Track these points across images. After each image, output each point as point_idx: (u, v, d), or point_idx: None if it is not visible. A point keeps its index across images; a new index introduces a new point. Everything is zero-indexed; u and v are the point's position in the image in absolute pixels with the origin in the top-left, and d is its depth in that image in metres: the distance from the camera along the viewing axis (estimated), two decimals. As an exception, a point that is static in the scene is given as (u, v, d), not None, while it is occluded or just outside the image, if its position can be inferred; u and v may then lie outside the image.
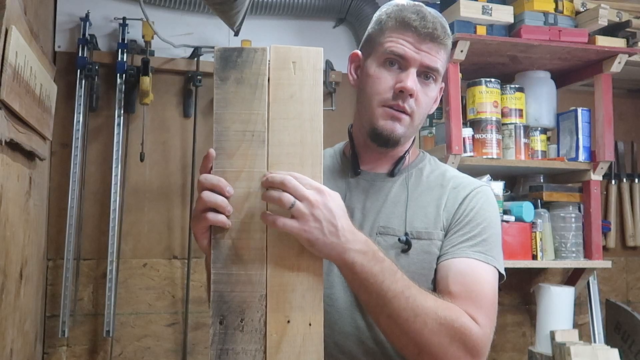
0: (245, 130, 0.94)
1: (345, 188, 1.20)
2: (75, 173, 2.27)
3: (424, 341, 0.97)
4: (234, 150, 0.93)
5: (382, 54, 1.14)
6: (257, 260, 0.93)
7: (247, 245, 0.93)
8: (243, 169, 0.93)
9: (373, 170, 1.22)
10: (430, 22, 1.12)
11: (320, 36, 2.61)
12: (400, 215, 1.15)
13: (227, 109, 0.94)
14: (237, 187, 0.93)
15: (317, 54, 0.98)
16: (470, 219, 1.14)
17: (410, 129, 1.15)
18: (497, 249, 1.16)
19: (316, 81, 0.97)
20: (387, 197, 1.18)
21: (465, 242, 1.12)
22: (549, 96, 2.47)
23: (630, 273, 2.93)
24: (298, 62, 0.97)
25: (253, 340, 0.92)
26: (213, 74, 0.97)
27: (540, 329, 2.37)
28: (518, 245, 2.25)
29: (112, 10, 2.42)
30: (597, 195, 2.38)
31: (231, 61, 0.95)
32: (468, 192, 1.17)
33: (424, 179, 1.21)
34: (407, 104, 1.12)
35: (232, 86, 0.95)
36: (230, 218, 0.92)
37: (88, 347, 2.31)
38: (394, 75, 1.13)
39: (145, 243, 2.41)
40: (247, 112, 0.94)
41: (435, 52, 1.13)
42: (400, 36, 1.13)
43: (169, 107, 2.48)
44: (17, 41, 1.46)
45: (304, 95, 0.96)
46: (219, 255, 0.93)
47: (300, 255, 0.94)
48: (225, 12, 1.96)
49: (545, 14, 2.28)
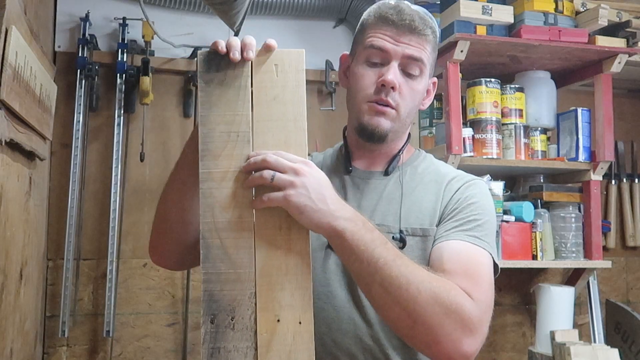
0: (230, 131, 0.96)
1: (340, 185, 1.21)
2: (75, 173, 2.27)
3: (417, 310, 0.93)
4: (220, 151, 0.95)
5: (364, 51, 1.16)
6: (245, 258, 0.94)
7: (236, 244, 0.94)
8: (229, 169, 0.95)
9: (368, 169, 1.23)
10: (407, 14, 1.13)
11: (320, 36, 2.61)
12: (395, 213, 1.16)
13: (212, 110, 0.96)
14: (223, 187, 0.95)
15: (298, 56, 0.99)
16: (465, 206, 1.14)
17: (397, 122, 1.16)
18: (491, 237, 1.14)
19: (299, 82, 0.98)
20: (381, 195, 1.19)
21: (460, 227, 1.11)
22: (549, 96, 2.47)
23: (630, 273, 2.92)
24: (280, 64, 0.98)
25: (244, 337, 0.93)
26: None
27: (540, 329, 2.38)
28: (518, 245, 2.25)
29: (112, 10, 2.42)
30: (597, 195, 2.38)
31: (214, 64, 0.97)
32: (462, 184, 1.18)
33: (419, 176, 1.22)
34: (390, 98, 1.13)
35: (216, 88, 0.96)
36: (217, 218, 0.94)
37: (88, 347, 2.31)
38: (376, 71, 1.14)
39: (145, 243, 2.38)
40: (231, 114, 0.96)
41: (416, 43, 1.13)
42: (379, 31, 1.15)
43: (169, 107, 2.48)
44: (17, 41, 1.46)
45: (287, 97, 0.97)
46: (208, 255, 0.94)
47: (288, 255, 0.95)
48: (225, 12, 1.96)
49: (545, 14, 2.28)
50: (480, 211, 1.14)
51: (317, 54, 2.54)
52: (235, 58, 0.95)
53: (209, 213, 0.94)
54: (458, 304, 0.95)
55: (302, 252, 0.95)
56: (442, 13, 2.31)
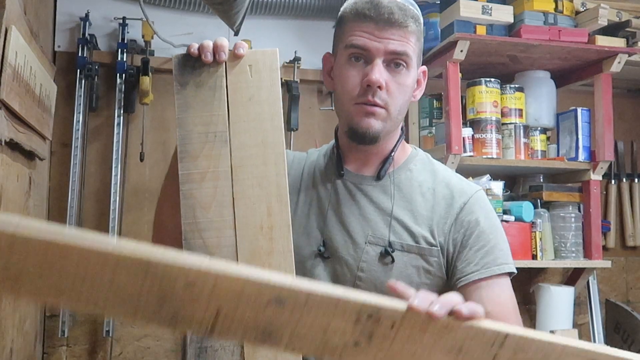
0: (208, 131, 0.97)
1: (333, 190, 1.17)
2: (75, 173, 2.27)
3: None
4: (198, 152, 0.96)
5: (344, 50, 1.11)
6: (228, 257, 0.95)
7: (218, 243, 0.95)
8: (208, 170, 0.96)
9: (360, 172, 1.18)
10: (384, 7, 1.07)
11: (320, 36, 2.61)
12: (385, 225, 1.12)
13: (189, 112, 0.97)
14: (203, 187, 0.95)
15: (272, 55, 1.00)
16: (480, 232, 1.12)
17: (388, 122, 1.11)
18: (505, 250, 1.14)
19: (273, 82, 0.99)
20: (375, 203, 1.14)
21: (483, 258, 1.10)
22: (549, 96, 2.47)
23: (630, 273, 2.92)
24: (254, 64, 0.99)
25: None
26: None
27: (540, 328, 2.37)
28: (518, 245, 2.24)
29: (112, 10, 2.42)
30: (597, 195, 2.38)
31: (189, 66, 0.99)
32: (464, 202, 1.13)
33: (415, 183, 1.16)
34: (377, 97, 1.08)
35: (191, 90, 0.98)
36: (199, 219, 0.95)
37: (88, 347, 2.31)
38: (360, 70, 1.09)
39: (146, 243, 2.41)
40: (208, 114, 0.97)
41: (399, 36, 1.07)
42: (357, 28, 1.09)
43: (169, 107, 2.47)
44: (17, 41, 1.46)
45: (262, 97, 0.98)
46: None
47: (270, 254, 0.95)
48: (225, 12, 1.96)
49: (545, 13, 2.28)
50: (492, 233, 1.13)
51: (317, 54, 2.54)
52: (208, 60, 0.96)
53: (190, 214, 0.95)
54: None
55: (285, 250, 0.95)
56: (442, 13, 2.31)
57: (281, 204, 0.96)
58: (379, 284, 1.08)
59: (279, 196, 0.96)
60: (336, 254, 1.12)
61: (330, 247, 1.13)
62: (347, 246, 1.12)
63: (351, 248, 1.12)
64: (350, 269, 1.11)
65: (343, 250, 1.12)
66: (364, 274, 1.10)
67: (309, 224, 1.15)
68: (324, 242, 1.13)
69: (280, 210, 0.96)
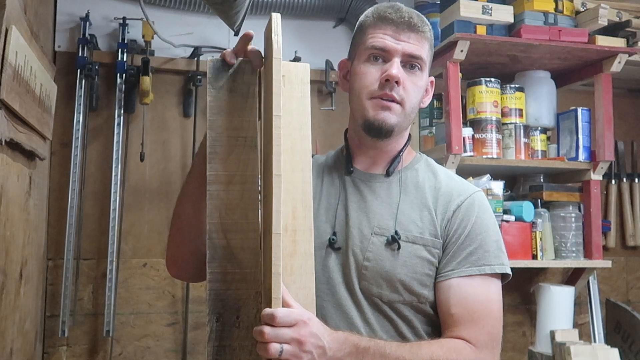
0: (238, 136, 1.00)
1: (341, 186, 1.23)
2: (75, 173, 2.27)
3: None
4: (227, 155, 0.99)
5: (365, 51, 1.18)
6: (251, 258, 0.97)
7: (242, 244, 0.97)
8: (236, 173, 0.99)
9: (368, 171, 1.24)
10: (405, 12, 1.18)
11: (320, 36, 2.61)
12: (392, 216, 1.17)
13: (221, 115, 1.00)
14: (230, 190, 0.98)
15: (304, 69, 1.04)
16: (469, 232, 1.16)
17: (402, 117, 1.17)
18: (498, 252, 1.17)
19: (304, 94, 1.03)
20: (382, 197, 1.20)
21: (466, 258, 1.14)
22: (549, 96, 2.47)
23: (630, 273, 2.93)
24: (287, 75, 1.02)
25: (249, 336, 0.95)
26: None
27: (540, 328, 2.38)
28: (518, 245, 2.25)
29: (112, 10, 2.42)
30: (597, 195, 2.38)
31: (224, 71, 1.01)
32: (461, 201, 1.19)
33: (420, 181, 1.22)
34: (395, 92, 1.15)
35: (224, 95, 1.00)
36: (224, 219, 0.97)
37: (88, 347, 2.31)
38: (378, 68, 1.16)
39: (145, 243, 2.41)
40: (239, 119, 1.00)
41: (415, 40, 1.16)
42: (379, 31, 1.17)
43: (169, 107, 2.48)
44: (17, 41, 1.46)
45: (292, 106, 1.01)
46: (214, 255, 0.96)
47: (293, 256, 0.97)
48: (225, 12, 1.97)
49: (545, 13, 2.28)
50: (485, 234, 1.16)
51: (317, 54, 2.54)
52: (232, 62, 1.02)
53: (216, 214, 0.97)
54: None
55: (307, 253, 0.97)
56: (442, 13, 2.31)
57: (305, 209, 1.00)
58: (384, 272, 1.13)
59: (304, 202, 1.00)
60: (345, 246, 1.17)
61: (339, 239, 1.18)
62: (354, 238, 1.17)
63: (357, 239, 1.16)
64: (356, 259, 1.16)
65: (350, 242, 1.17)
66: (369, 264, 1.14)
67: (319, 219, 1.19)
68: (334, 234, 1.18)
69: (304, 215, 1.00)
